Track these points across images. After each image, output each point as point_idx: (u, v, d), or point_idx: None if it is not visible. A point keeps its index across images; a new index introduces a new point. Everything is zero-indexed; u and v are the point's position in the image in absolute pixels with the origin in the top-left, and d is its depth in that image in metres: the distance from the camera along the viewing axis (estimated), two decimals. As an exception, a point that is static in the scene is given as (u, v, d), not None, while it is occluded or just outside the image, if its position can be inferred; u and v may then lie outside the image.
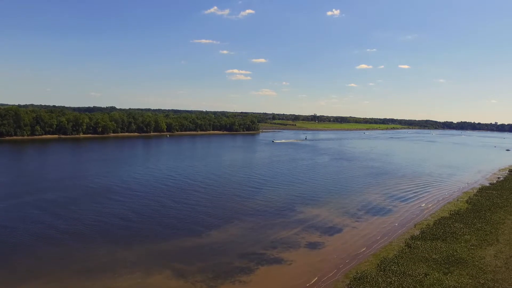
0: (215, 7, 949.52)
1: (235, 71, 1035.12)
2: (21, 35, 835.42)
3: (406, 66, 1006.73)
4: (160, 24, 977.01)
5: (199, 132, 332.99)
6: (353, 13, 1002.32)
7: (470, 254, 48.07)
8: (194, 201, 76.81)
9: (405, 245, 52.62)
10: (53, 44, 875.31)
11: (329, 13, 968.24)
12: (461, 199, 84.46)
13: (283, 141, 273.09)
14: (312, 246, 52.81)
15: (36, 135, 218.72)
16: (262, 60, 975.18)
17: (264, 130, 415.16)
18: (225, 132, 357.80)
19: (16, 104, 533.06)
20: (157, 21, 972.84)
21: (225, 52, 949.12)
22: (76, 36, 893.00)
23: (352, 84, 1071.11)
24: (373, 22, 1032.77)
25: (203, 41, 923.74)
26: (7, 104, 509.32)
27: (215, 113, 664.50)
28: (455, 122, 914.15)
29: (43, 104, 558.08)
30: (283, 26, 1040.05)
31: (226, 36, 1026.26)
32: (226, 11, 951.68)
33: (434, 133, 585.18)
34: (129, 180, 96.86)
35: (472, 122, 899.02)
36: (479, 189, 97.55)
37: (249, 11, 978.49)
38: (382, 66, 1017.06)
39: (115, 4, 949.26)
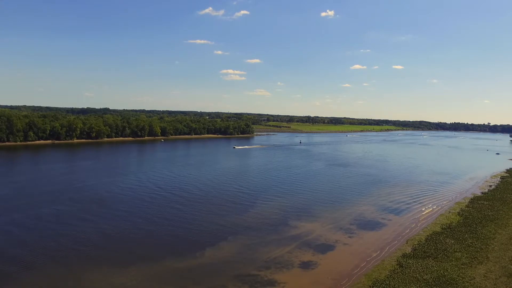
0: (210, 8, 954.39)
1: (230, 71, 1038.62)
2: (14, 35, 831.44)
3: (400, 67, 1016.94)
4: (154, 24, 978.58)
5: (194, 136, 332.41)
6: (348, 14, 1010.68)
7: (461, 274, 48.78)
8: (187, 216, 76.92)
9: (396, 264, 53.29)
10: (46, 44, 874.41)
11: (323, 14, 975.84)
12: (453, 211, 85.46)
13: (247, 147, 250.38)
14: (305, 265, 53.26)
15: (29, 140, 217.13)
16: (257, 60, 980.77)
17: (258, 133, 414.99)
18: (219, 135, 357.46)
19: (8, 105, 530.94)
20: (152, 21, 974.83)
21: (219, 52, 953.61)
22: (69, 36, 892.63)
23: (347, 85, 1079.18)
24: (367, 23, 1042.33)
25: (198, 41, 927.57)
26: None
27: (209, 114, 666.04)
28: (449, 123, 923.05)
29: (36, 105, 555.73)
30: (277, 27, 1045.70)
31: (220, 37, 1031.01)
32: (221, 12, 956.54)
33: (425, 135, 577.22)
34: (121, 193, 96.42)
35: (466, 123, 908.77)
36: (471, 199, 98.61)
37: (244, 12, 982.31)
38: (376, 67, 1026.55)
39: (109, 4, 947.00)
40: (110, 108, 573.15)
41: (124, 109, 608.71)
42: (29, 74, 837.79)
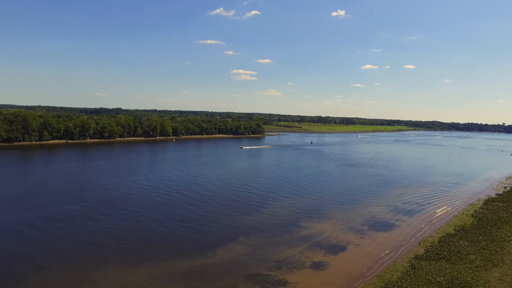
0: (221, 8, 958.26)
1: (241, 71, 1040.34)
2: (26, 36, 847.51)
3: (411, 66, 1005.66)
4: (166, 25, 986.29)
5: (205, 136, 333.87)
6: (358, 14, 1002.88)
7: (475, 277, 48.03)
8: (198, 217, 77.35)
9: (409, 266, 52.77)
10: (59, 44, 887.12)
11: (334, 13, 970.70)
12: (467, 212, 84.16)
13: (255, 147, 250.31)
14: (316, 266, 53.14)
15: (44, 140, 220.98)
16: (268, 60, 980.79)
17: (269, 133, 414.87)
18: (230, 135, 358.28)
19: (24, 105, 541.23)
20: (163, 22, 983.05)
21: (230, 52, 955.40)
22: (81, 36, 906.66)
23: (358, 84, 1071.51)
24: (378, 22, 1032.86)
25: (209, 41, 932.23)
26: (14, 105, 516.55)
27: (220, 114, 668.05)
28: (462, 123, 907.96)
29: (50, 105, 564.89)
30: (288, 27, 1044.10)
31: (231, 37, 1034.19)
32: (232, 12, 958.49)
33: (438, 135, 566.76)
34: (132, 194, 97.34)
35: (479, 123, 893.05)
36: (485, 201, 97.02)
37: (254, 12, 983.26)
38: (387, 67, 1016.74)
39: (120, 4, 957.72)
40: (123, 108, 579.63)
41: (136, 109, 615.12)
42: (43, 74, 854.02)
